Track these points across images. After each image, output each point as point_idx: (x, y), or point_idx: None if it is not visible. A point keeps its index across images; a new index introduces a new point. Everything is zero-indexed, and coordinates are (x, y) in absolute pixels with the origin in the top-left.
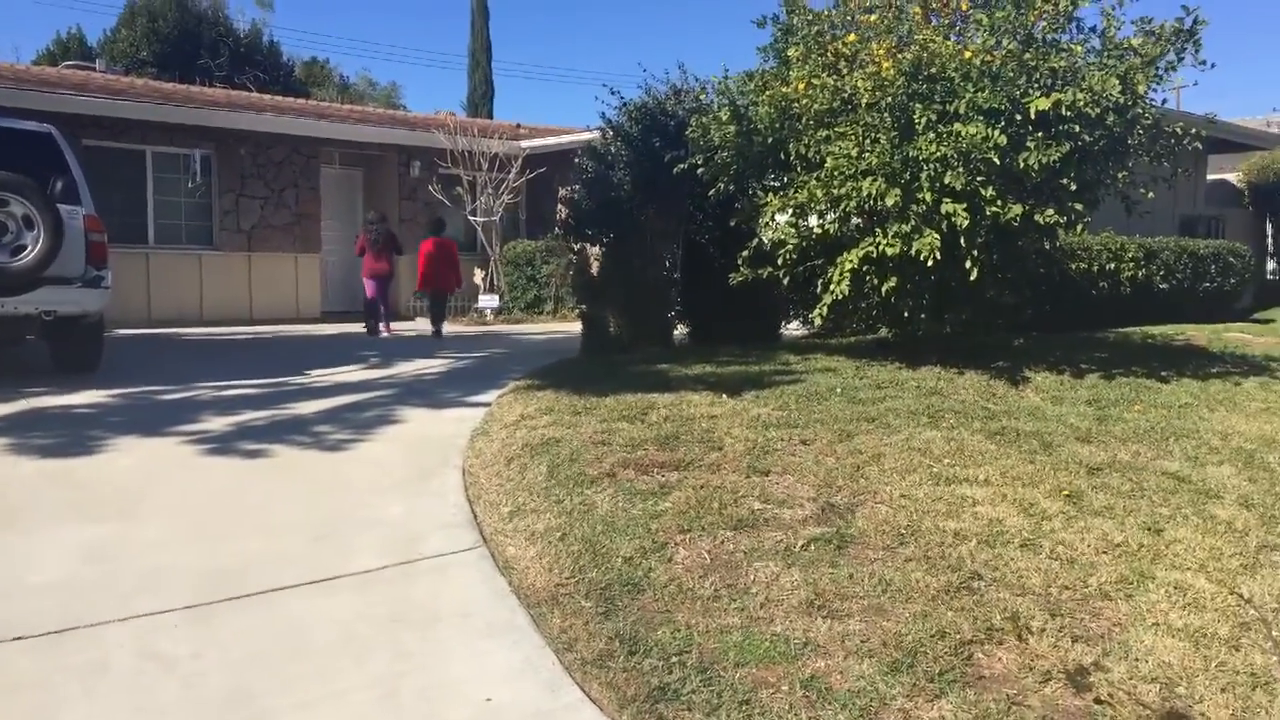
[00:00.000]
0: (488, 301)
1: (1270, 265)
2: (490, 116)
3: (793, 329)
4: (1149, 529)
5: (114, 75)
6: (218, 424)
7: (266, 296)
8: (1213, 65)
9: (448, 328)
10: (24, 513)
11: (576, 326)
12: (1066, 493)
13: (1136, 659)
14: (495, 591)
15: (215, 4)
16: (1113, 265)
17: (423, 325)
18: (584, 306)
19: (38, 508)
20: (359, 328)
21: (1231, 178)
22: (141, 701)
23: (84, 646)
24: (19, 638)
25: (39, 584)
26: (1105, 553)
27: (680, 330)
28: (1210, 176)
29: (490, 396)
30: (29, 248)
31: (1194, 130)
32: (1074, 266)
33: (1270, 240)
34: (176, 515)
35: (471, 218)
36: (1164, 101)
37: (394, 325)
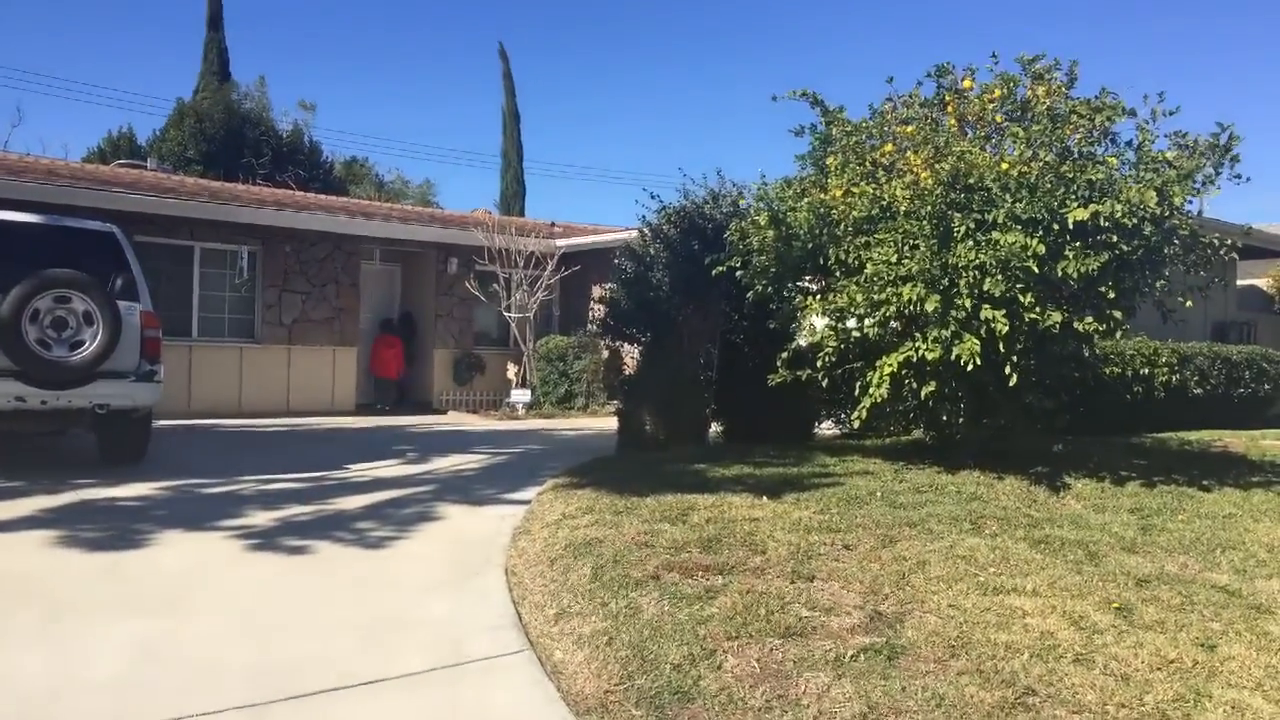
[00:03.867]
0: (520, 396)
1: None
2: (522, 214)
3: (826, 429)
4: (1202, 645)
5: (164, 173)
6: (262, 519)
7: (304, 389)
8: (1248, 179)
9: (481, 422)
10: (75, 607)
11: (608, 423)
12: (1116, 605)
13: None
14: (544, 697)
15: (260, 106)
16: (1146, 370)
17: (454, 417)
18: (620, 404)
19: (88, 602)
20: (394, 420)
21: (1261, 284)
22: None
23: None
24: None
25: (93, 681)
26: (1159, 669)
27: (714, 429)
28: (1240, 282)
29: (530, 494)
30: (87, 343)
31: (1229, 241)
32: (1108, 371)
33: None
34: (225, 612)
35: (506, 313)
36: (1199, 211)
37: (430, 418)
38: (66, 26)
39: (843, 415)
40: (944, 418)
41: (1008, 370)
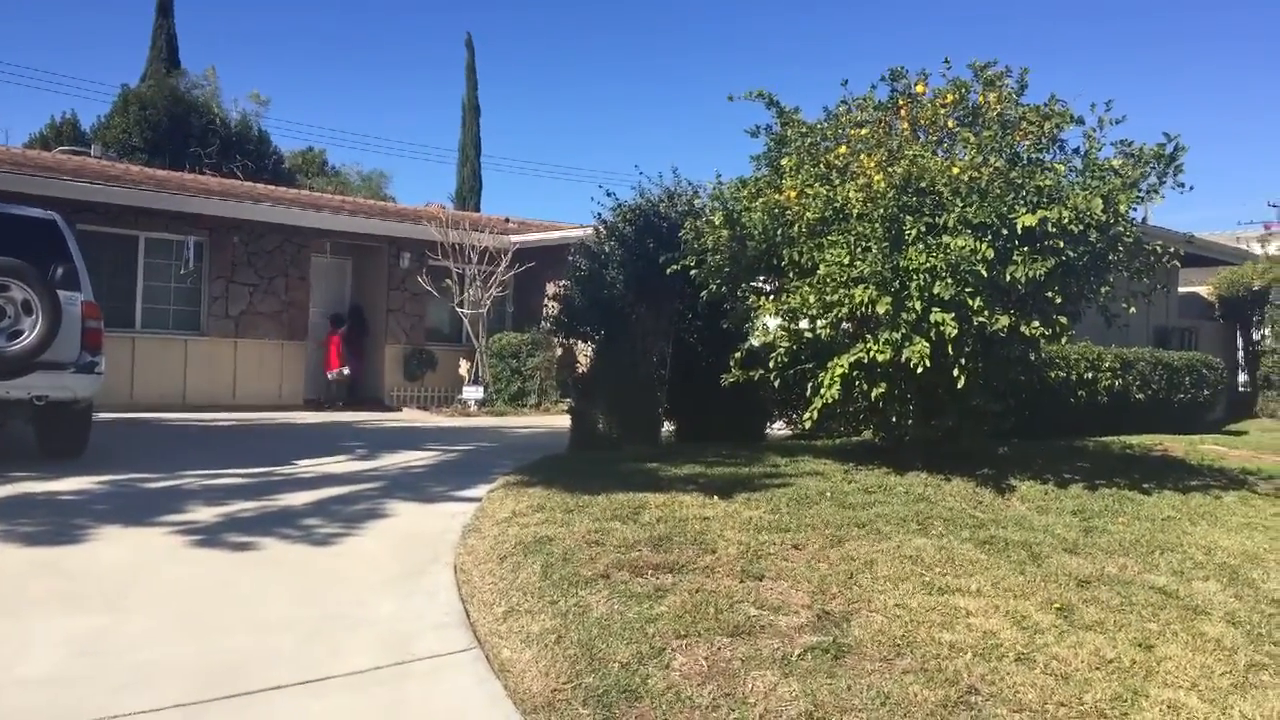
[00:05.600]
0: (472, 393)
1: (1241, 377)
2: (478, 209)
3: (778, 429)
4: (1140, 645)
5: (109, 161)
6: (205, 514)
7: (250, 383)
8: (1191, 188)
9: (432, 419)
10: (12, 602)
11: (561, 420)
12: (1058, 605)
13: None
14: (490, 696)
15: (208, 95)
16: (1090, 375)
17: (405, 413)
18: (573, 402)
19: (25, 598)
20: (342, 416)
21: (1202, 291)
22: None
23: None
24: None
25: (28, 677)
26: (1098, 669)
27: (667, 428)
28: (1181, 289)
29: (480, 491)
30: (25, 332)
31: (1172, 249)
32: (1053, 375)
33: (1241, 353)
34: (165, 609)
35: (459, 309)
36: (1144, 219)
37: (381, 414)
38: (9, 8)
39: (794, 415)
40: (894, 419)
41: (956, 373)
